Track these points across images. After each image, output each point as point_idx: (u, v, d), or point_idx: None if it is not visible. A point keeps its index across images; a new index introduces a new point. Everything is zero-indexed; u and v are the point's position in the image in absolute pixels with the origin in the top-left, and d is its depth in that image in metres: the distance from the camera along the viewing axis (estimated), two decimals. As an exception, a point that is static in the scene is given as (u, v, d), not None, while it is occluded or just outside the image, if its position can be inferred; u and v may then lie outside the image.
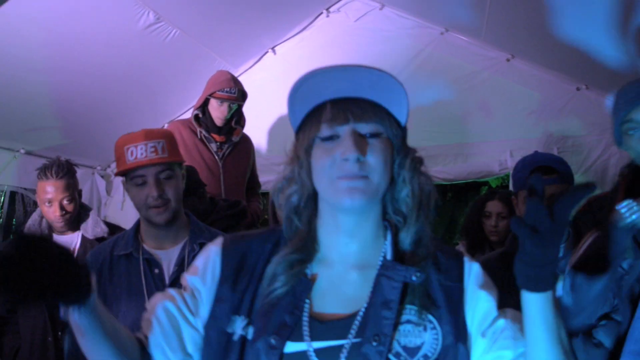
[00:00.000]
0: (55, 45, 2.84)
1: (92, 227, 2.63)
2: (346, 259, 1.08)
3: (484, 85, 3.79)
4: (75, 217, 2.61)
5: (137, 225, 1.91)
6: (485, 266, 1.07)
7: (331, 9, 3.99)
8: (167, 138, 1.87)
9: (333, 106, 1.03)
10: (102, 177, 4.17)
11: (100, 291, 1.74)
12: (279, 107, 3.84)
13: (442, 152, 3.80)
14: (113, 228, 2.72)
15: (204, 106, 3.09)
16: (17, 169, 3.41)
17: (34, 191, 2.80)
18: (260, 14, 3.61)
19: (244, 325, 1.04)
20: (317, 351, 0.99)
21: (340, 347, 0.99)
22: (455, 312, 1.02)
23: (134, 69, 3.34)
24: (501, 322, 1.01)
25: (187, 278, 1.11)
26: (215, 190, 3.01)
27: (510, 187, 3.05)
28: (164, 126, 3.98)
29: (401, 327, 1.00)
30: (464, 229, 3.24)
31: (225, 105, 3.03)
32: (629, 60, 3.06)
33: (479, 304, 1.03)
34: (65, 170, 2.52)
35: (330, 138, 1.02)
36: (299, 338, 1.00)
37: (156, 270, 1.81)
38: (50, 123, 3.42)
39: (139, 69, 3.36)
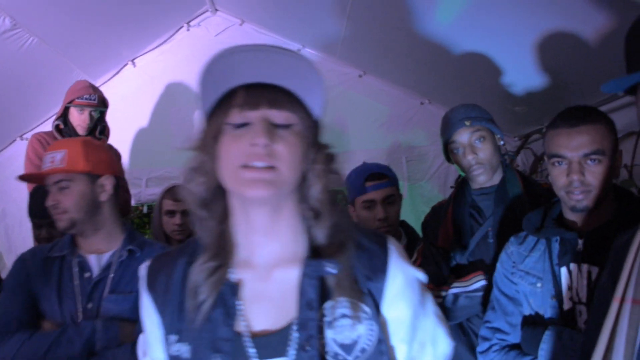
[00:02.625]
0: None
1: None
2: (267, 258, 1.12)
3: (339, 98, 4.46)
4: None
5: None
6: None
7: (192, 23, 4.50)
8: (71, 148, 2.06)
9: (246, 91, 1.07)
10: None
11: (32, 288, 2.00)
12: (138, 119, 4.37)
13: (301, 162, 4.44)
14: None
15: (64, 116, 3.47)
16: None
17: None
18: (120, 25, 3.96)
19: (175, 341, 1.10)
20: None
21: None
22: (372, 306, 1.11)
23: None
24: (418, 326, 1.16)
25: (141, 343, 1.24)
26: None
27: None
28: (16, 140, 4.30)
29: (336, 324, 1.06)
30: None
31: (86, 112, 3.42)
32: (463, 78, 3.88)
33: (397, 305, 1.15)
34: None
35: (240, 125, 1.06)
36: (243, 358, 1.06)
37: (87, 274, 2.03)
38: None
39: None
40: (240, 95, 1.06)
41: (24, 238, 3.74)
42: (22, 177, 2.20)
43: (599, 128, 1.68)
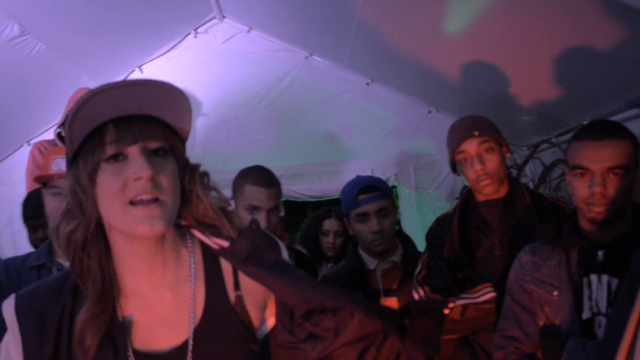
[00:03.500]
0: None
1: None
2: (155, 285, 1.15)
3: (346, 107, 4.51)
4: None
5: (50, 241, 2.21)
6: (336, 281, 1.42)
7: (199, 30, 4.53)
8: None
9: (116, 126, 1.05)
10: None
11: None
12: (145, 125, 4.37)
13: (308, 170, 4.47)
14: None
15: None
16: None
17: None
18: (128, 32, 4.01)
19: None
20: None
21: None
22: None
23: None
24: None
25: None
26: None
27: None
28: (22, 145, 4.35)
29: None
30: (301, 243, 3.82)
31: None
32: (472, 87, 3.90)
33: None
34: None
35: (116, 160, 1.05)
36: None
37: None
38: None
39: None
40: (112, 130, 1.05)
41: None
42: (37, 179, 2.23)
43: (624, 143, 1.72)
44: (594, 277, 1.73)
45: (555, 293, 1.80)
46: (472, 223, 2.33)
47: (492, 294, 2.12)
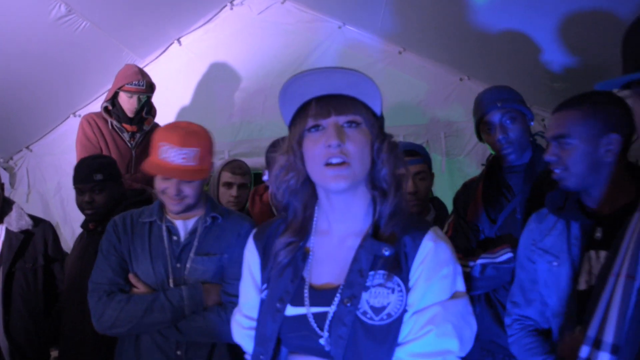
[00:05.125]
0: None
1: (16, 220, 2.98)
2: (342, 230, 1.41)
3: (378, 75, 4.55)
4: None
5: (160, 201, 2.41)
6: None
7: (235, 2, 4.70)
8: (202, 146, 2.24)
9: (317, 103, 1.34)
10: (4, 169, 4.70)
11: (123, 251, 2.27)
12: (184, 96, 4.62)
13: (341, 138, 4.64)
14: (37, 220, 3.11)
15: (113, 99, 3.75)
16: None
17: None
18: (167, 6, 4.21)
19: (264, 289, 1.45)
20: (315, 316, 1.33)
21: (327, 312, 1.32)
22: (406, 282, 1.32)
23: (43, 60, 3.83)
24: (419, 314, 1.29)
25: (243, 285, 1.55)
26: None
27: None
28: (69, 117, 4.64)
29: (372, 289, 1.31)
30: None
31: (135, 97, 3.71)
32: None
33: (413, 281, 1.32)
34: None
35: (316, 129, 1.34)
36: (300, 303, 1.36)
37: (174, 237, 2.28)
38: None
39: (47, 61, 3.87)
40: (313, 106, 1.34)
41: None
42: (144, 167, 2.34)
43: (572, 113, 1.85)
44: (592, 253, 1.82)
45: (555, 264, 1.91)
46: (497, 188, 2.48)
47: (510, 255, 2.29)
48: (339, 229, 1.42)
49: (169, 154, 2.19)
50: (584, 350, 1.25)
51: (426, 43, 4.51)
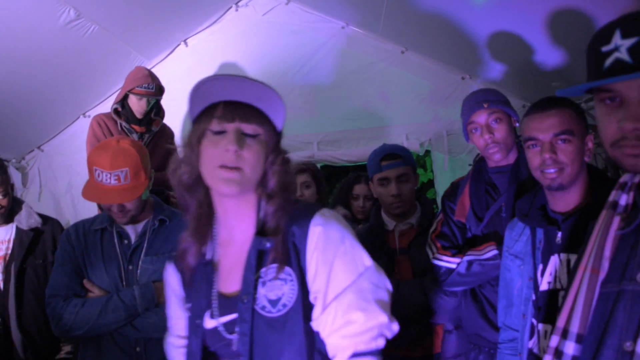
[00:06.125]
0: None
1: (25, 219, 3.12)
2: (241, 236, 1.47)
3: (381, 75, 4.75)
4: (9, 210, 3.09)
5: None
6: (360, 240, 1.47)
7: (240, 4, 4.80)
8: (131, 165, 2.36)
9: (225, 106, 1.39)
10: (17, 169, 4.82)
11: (77, 258, 2.42)
12: (191, 96, 4.70)
13: (345, 136, 4.77)
14: (45, 219, 3.24)
15: (122, 100, 3.87)
16: None
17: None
18: (173, 8, 4.31)
19: (187, 307, 1.52)
20: (225, 324, 1.42)
21: (236, 318, 1.40)
22: (299, 269, 1.40)
23: (52, 62, 3.93)
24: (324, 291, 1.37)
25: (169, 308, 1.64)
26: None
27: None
28: (79, 117, 4.79)
29: (268, 283, 1.39)
30: (333, 206, 4.13)
31: (144, 100, 3.81)
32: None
33: (313, 267, 1.39)
34: None
35: (218, 132, 1.38)
36: (214, 316, 1.44)
37: (125, 241, 2.44)
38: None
39: (58, 64, 3.97)
40: (220, 108, 1.39)
41: (88, 207, 4.10)
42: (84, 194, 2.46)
43: (566, 111, 1.90)
44: (554, 257, 1.90)
45: (522, 267, 2.01)
46: (483, 187, 2.59)
47: (495, 252, 2.40)
48: (238, 235, 1.48)
49: (102, 177, 2.33)
50: (554, 340, 1.34)
51: (428, 43, 4.59)
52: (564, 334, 1.32)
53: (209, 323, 1.45)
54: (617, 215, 1.30)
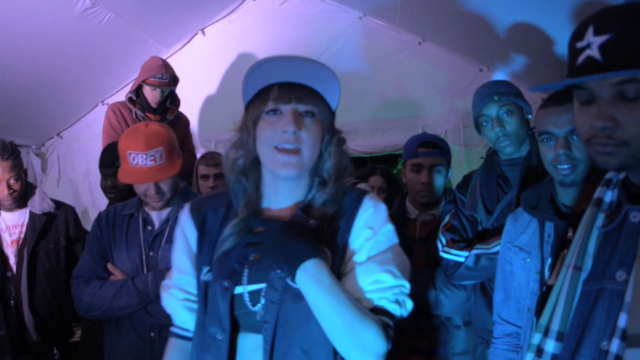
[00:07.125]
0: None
1: (39, 203, 3.10)
2: (284, 213, 1.47)
3: (398, 66, 4.73)
4: (22, 195, 3.06)
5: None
6: None
7: (257, -7, 4.81)
8: (165, 144, 2.40)
9: (280, 88, 1.38)
10: (37, 155, 4.91)
11: (104, 242, 2.49)
12: (207, 85, 4.76)
13: (361, 127, 4.76)
14: (58, 204, 3.23)
15: (137, 90, 3.92)
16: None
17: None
18: None
19: (206, 272, 1.46)
20: (251, 293, 1.40)
21: (262, 288, 1.39)
22: (336, 246, 1.40)
23: (70, 51, 3.99)
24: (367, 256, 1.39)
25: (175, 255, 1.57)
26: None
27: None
28: (97, 105, 4.84)
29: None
30: None
31: (158, 90, 3.87)
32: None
33: (358, 243, 1.40)
34: (10, 152, 2.91)
35: (274, 113, 1.38)
36: (240, 282, 1.41)
37: (149, 227, 2.48)
38: (-16, 103, 4.07)
39: (74, 51, 4.02)
40: (276, 90, 1.38)
41: (105, 195, 4.18)
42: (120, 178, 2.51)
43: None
44: (566, 252, 1.76)
45: (528, 260, 1.94)
46: (494, 180, 2.56)
47: None
48: (284, 212, 1.47)
49: (138, 159, 2.37)
50: (536, 338, 1.34)
51: (446, 33, 4.57)
52: (546, 332, 1.31)
53: (236, 289, 1.43)
54: (602, 212, 1.29)
